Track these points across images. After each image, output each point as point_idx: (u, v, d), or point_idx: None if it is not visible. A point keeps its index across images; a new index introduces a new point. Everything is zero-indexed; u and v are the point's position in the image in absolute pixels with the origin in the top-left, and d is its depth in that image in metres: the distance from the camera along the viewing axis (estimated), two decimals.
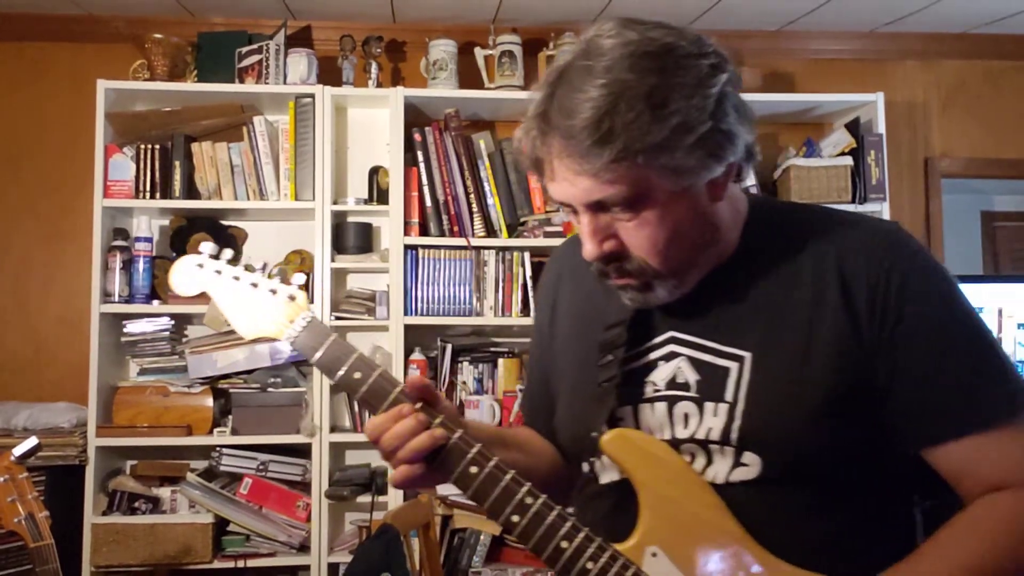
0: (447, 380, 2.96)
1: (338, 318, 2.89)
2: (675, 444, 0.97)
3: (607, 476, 1.02)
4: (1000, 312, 2.95)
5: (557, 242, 2.95)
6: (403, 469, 0.94)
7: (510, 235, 2.96)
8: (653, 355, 1.00)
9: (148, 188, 2.87)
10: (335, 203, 2.92)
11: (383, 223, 3.08)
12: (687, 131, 0.86)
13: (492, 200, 2.95)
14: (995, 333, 2.94)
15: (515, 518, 0.93)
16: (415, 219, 2.92)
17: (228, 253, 1.07)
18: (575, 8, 3.13)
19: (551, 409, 1.12)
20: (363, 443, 2.92)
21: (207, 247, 1.08)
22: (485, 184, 2.96)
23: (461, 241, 2.91)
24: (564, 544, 0.92)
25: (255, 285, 1.04)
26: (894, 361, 0.91)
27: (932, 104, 3.50)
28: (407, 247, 2.90)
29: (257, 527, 2.75)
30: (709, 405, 0.95)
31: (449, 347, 2.97)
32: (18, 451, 1.76)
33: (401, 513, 2.15)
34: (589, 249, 0.94)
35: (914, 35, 3.44)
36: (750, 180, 3.09)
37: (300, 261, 3.02)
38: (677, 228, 0.91)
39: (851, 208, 3.05)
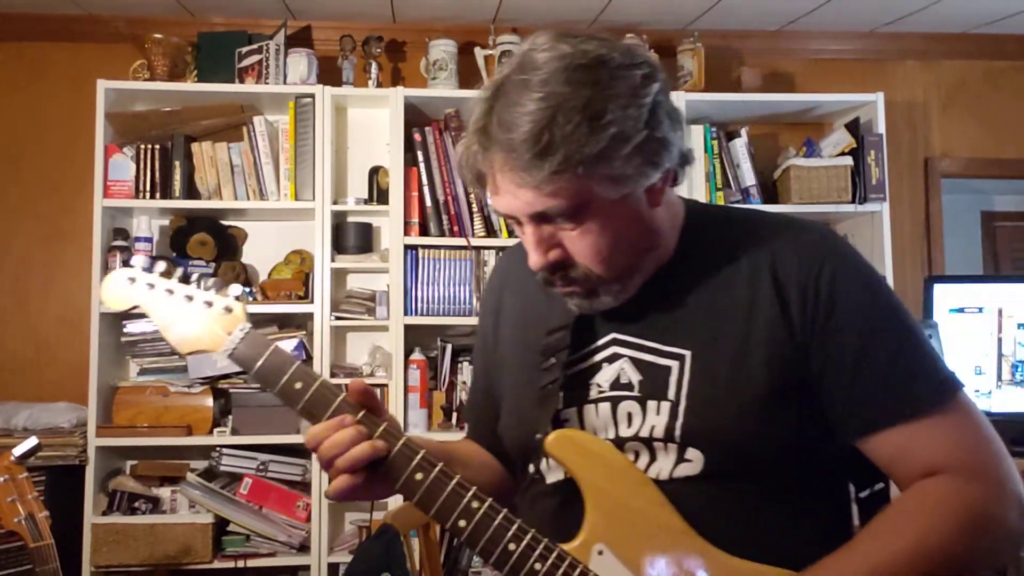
0: (447, 380, 2.95)
1: (338, 318, 2.89)
2: (619, 443, 0.99)
3: (553, 476, 1.03)
4: (1000, 312, 2.95)
5: None
6: (342, 479, 0.94)
7: (510, 235, 2.95)
8: (596, 357, 1.03)
9: (148, 188, 2.87)
10: (335, 203, 2.91)
11: (383, 223, 3.08)
12: (624, 140, 0.88)
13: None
14: (995, 334, 2.94)
15: (462, 523, 0.94)
16: (415, 219, 2.92)
17: (161, 266, 1.05)
18: (575, 8, 3.13)
19: (495, 416, 1.14)
20: None
21: (138, 260, 1.06)
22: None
23: (461, 241, 2.91)
24: (512, 546, 0.94)
25: (190, 298, 1.03)
26: (825, 356, 0.95)
27: (932, 104, 3.50)
28: (407, 247, 2.90)
29: (257, 527, 2.75)
30: (652, 404, 0.98)
31: (449, 347, 2.96)
32: (18, 451, 1.76)
33: (401, 513, 2.15)
34: (535, 259, 0.96)
35: (914, 35, 3.44)
36: (750, 180, 3.10)
37: (300, 261, 3.01)
38: (619, 235, 0.94)
39: (851, 208, 3.05)
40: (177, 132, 2.93)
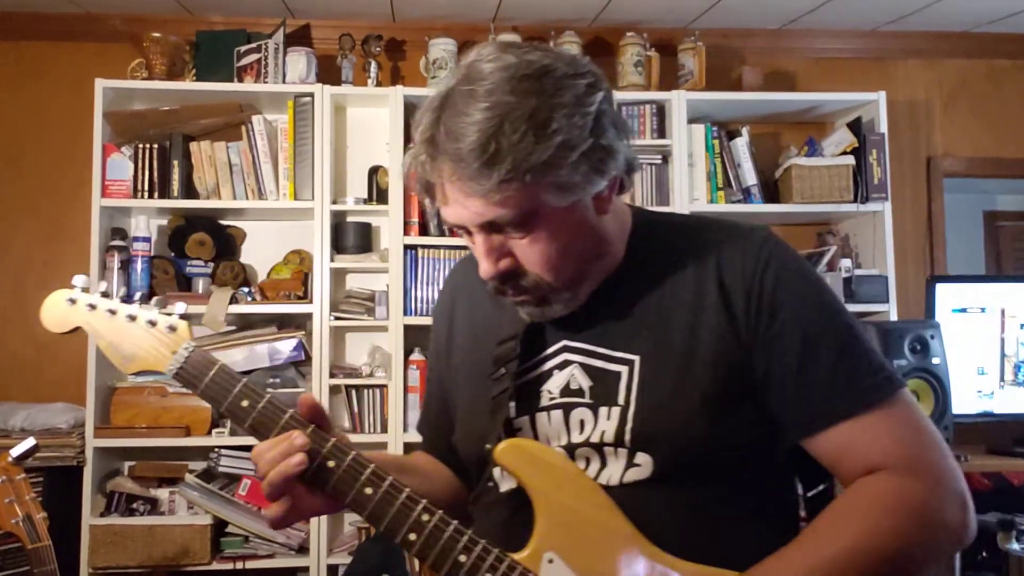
0: None
1: (337, 318, 2.87)
2: (571, 449, 1.00)
3: (506, 485, 1.03)
4: (1003, 312, 2.94)
5: None
6: (275, 507, 0.96)
7: None
8: (547, 365, 1.04)
9: (146, 188, 2.86)
10: (334, 203, 2.90)
11: (383, 223, 3.06)
12: (570, 148, 0.89)
13: None
14: (998, 334, 2.93)
15: (412, 536, 0.94)
16: (415, 219, 2.91)
17: (102, 286, 1.04)
18: (575, 7, 3.12)
19: (450, 427, 1.14)
20: (362, 444, 2.90)
21: (79, 280, 1.04)
22: None
23: (461, 241, 2.89)
24: (462, 558, 0.94)
25: (132, 317, 1.02)
26: (770, 357, 0.96)
27: (934, 103, 3.48)
28: (407, 247, 2.89)
29: (256, 528, 2.74)
30: (603, 409, 0.99)
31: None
32: (16, 452, 1.75)
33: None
34: (485, 269, 0.97)
35: (916, 34, 3.43)
36: (751, 179, 3.09)
37: (299, 261, 3.00)
38: (568, 243, 0.96)
39: (852, 208, 3.04)
40: (175, 131, 2.92)
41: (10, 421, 2.72)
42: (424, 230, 2.92)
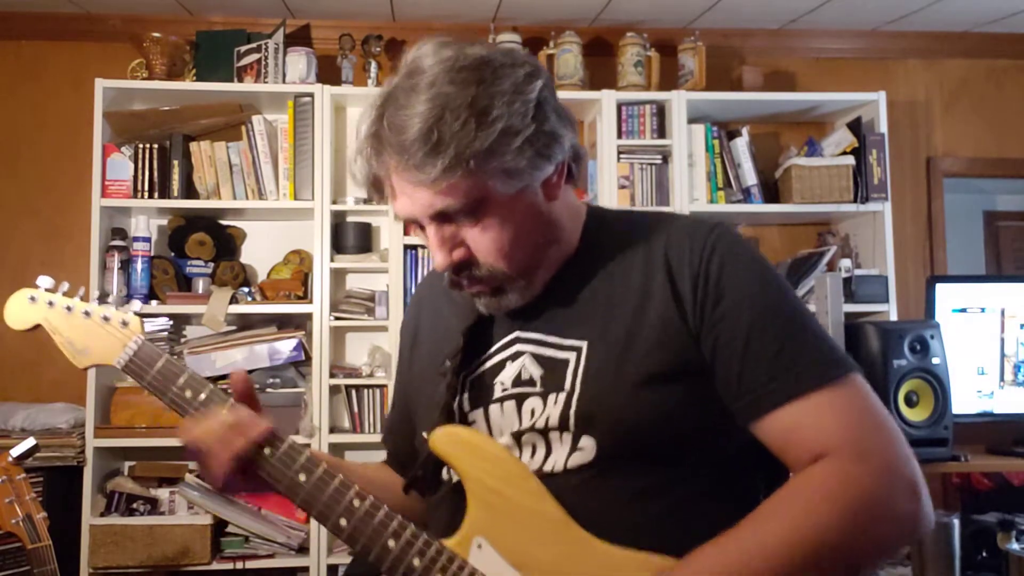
0: None
1: (337, 318, 2.87)
2: (517, 436, 1.00)
3: (456, 476, 1.03)
4: (1003, 312, 2.93)
5: None
6: (225, 467, 0.97)
7: None
8: (500, 356, 1.04)
9: (146, 187, 2.86)
10: (334, 203, 2.90)
11: (382, 223, 3.06)
12: (513, 134, 0.91)
13: None
14: (998, 334, 2.93)
15: (342, 522, 0.96)
16: None
17: (64, 285, 1.10)
18: (575, 7, 3.12)
19: (412, 434, 1.14)
20: (363, 444, 2.91)
21: (43, 281, 1.10)
22: None
23: None
24: (391, 543, 0.94)
25: (87, 314, 1.07)
26: (715, 342, 0.95)
27: (934, 103, 3.48)
28: (407, 247, 2.89)
29: (256, 528, 2.74)
30: (551, 396, 0.99)
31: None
32: (16, 452, 1.75)
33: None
34: (438, 260, 0.98)
35: (916, 34, 3.43)
36: (751, 179, 3.08)
37: (299, 261, 3.00)
38: (519, 229, 0.96)
39: (852, 208, 3.04)
40: (175, 131, 2.92)
41: (10, 421, 2.72)
42: None
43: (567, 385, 0.98)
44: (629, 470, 0.95)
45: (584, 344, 0.99)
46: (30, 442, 1.79)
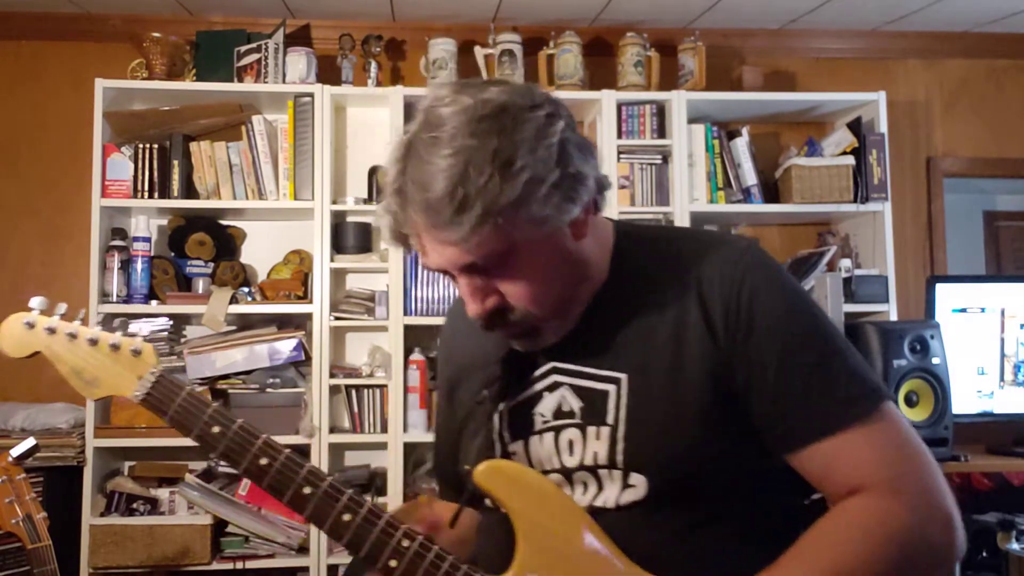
0: None
1: (337, 318, 2.87)
2: (566, 473, 0.99)
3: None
4: (1003, 312, 2.94)
5: None
6: None
7: None
8: (537, 387, 1.03)
9: (146, 188, 2.85)
10: (334, 203, 2.90)
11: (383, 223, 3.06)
12: (539, 183, 0.89)
13: None
14: (998, 334, 2.93)
15: (393, 563, 0.94)
16: None
17: (62, 308, 1.02)
18: (575, 7, 3.12)
19: (456, 459, 1.13)
20: (362, 444, 2.91)
21: (36, 302, 1.02)
22: None
23: None
24: None
25: (94, 341, 1.00)
26: (748, 373, 0.94)
27: (934, 103, 3.48)
28: None
29: (256, 528, 2.74)
30: (591, 429, 0.98)
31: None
32: (16, 452, 1.75)
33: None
34: (473, 309, 0.97)
35: (916, 34, 3.43)
36: (751, 180, 3.08)
37: (299, 261, 3.00)
38: (549, 273, 0.96)
39: (852, 208, 3.04)
40: (175, 131, 2.92)
41: (10, 421, 2.72)
42: None
43: (609, 419, 0.97)
44: (679, 505, 0.95)
45: (623, 376, 0.98)
46: (30, 442, 1.79)
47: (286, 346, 2.84)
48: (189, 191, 2.91)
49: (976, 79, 3.51)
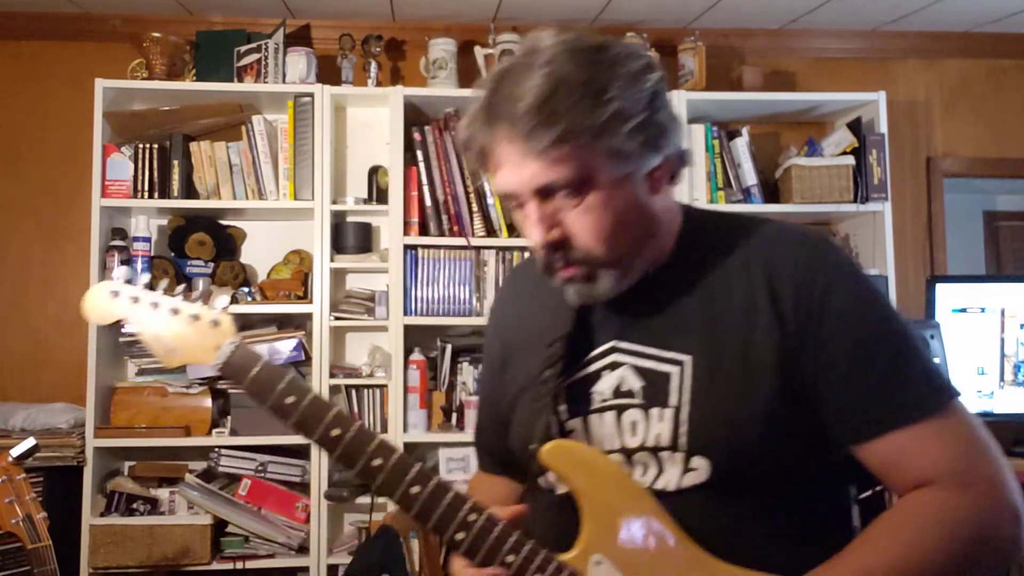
0: (447, 380, 2.94)
1: (337, 318, 2.87)
2: (627, 454, 0.99)
3: (563, 487, 1.03)
4: (1003, 312, 2.94)
5: None
6: None
7: (510, 235, 2.94)
8: (596, 365, 1.03)
9: (146, 187, 2.85)
10: (334, 203, 2.90)
11: (382, 223, 3.06)
12: (625, 118, 0.91)
13: (492, 199, 2.94)
14: (998, 334, 2.93)
15: (460, 535, 0.95)
16: (415, 219, 2.91)
17: (144, 277, 1.03)
18: (575, 7, 3.12)
19: (505, 434, 1.14)
20: None
21: (120, 272, 1.03)
22: (485, 183, 2.94)
23: (461, 241, 2.90)
24: (510, 558, 0.94)
25: (175, 311, 1.01)
26: (817, 365, 0.94)
27: (934, 103, 3.48)
28: (407, 247, 2.88)
29: (256, 528, 2.74)
30: (654, 411, 0.98)
31: (449, 347, 2.95)
32: (16, 452, 1.75)
33: (401, 514, 2.14)
34: (536, 236, 0.96)
35: (916, 34, 3.43)
36: (751, 179, 3.08)
37: (299, 261, 3.00)
38: (619, 216, 0.95)
39: (852, 208, 3.04)
40: (175, 131, 2.92)
41: (10, 421, 2.72)
42: (424, 230, 2.92)
43: (672, 401, 0.97)
44: (741, 490, 0.95)
45: (687, 359, 0.97)
46: (30, 442, 1.79)
47: (286, 346, 2.85)
48: (189, 191, 2.91)
49: (976, 79, 3.50)
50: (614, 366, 1.01)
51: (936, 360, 1.00)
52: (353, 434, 0.96)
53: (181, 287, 1.04)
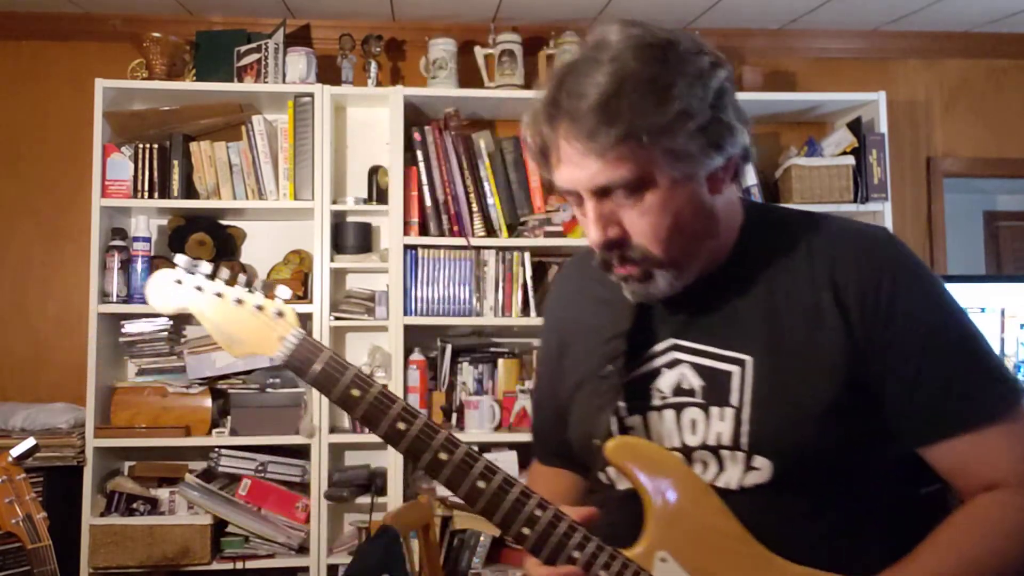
0: (447, 381, 2.94)
1: (337, 318, 2.87)
2: (687, 452, 0.99)
3: (624, 483, 1.03)
4: (1003, 312, 2.94)
5: (557, 242, 2.95)
6: None
7: (510, 235, 2.94)
8: (656, 363, 1.02)
9: (146, 187, 2.85)
10: (334, 203, 2.90)
11: (382, 223, 3.06)
12: (688, 117, 0.89)
13: (492, 200, 2.94)
14: (998, 334, 2.92)
15: (525, 531, 0.95)
16: (415, 219, 2.91)
17: (206, 267, 1.03)
18: (575, 7, 3.12)
19: (564, 428, 1.13)
20: (362, 444, 2.91)
21: (182, 260, 1.03)
22: (485, 183, 2.94)
23: (461, 241, 2.90)
24: (576, 554, 0.94)
25: (240, 301, 1.01)
26: (885, 365, 0.94)
27: (934, 103, 3.48)
28: (407, 247, 2.89)
29: (256, 528, 2.74)
30: (715, 410, 0.97)
31: (449, 347, 2.95)
32: (16, 452, 1.74)
33: (401, 514, 2.14)
34: (593, 235, 0.96)
35: (916, 34, 3.43)
36: (751, 180, 3.08)
37: (299, 261, 3.00)
38: (678, 216, 0.94)
39: (852, 208, 3.04)
40: (175, 131, 2.92)
41: (10, 421, 2.72)
42: (424, 230, 2.92)
43: (733, 400, 0.96)
44: (803, 489, 0.95)
45: (748, 359, 0.97)
46: (30, 442, 1.79)
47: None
48: (189, 191, 2.91)
49: (976, 79, 3.50)
50: (674, 364, 1.01)
51: (1000, 359, 0.97)
52: (419, 428, 0.96)
53: (243, 277, 1.03)
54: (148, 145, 2.87)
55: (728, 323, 0.99)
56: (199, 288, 1.02)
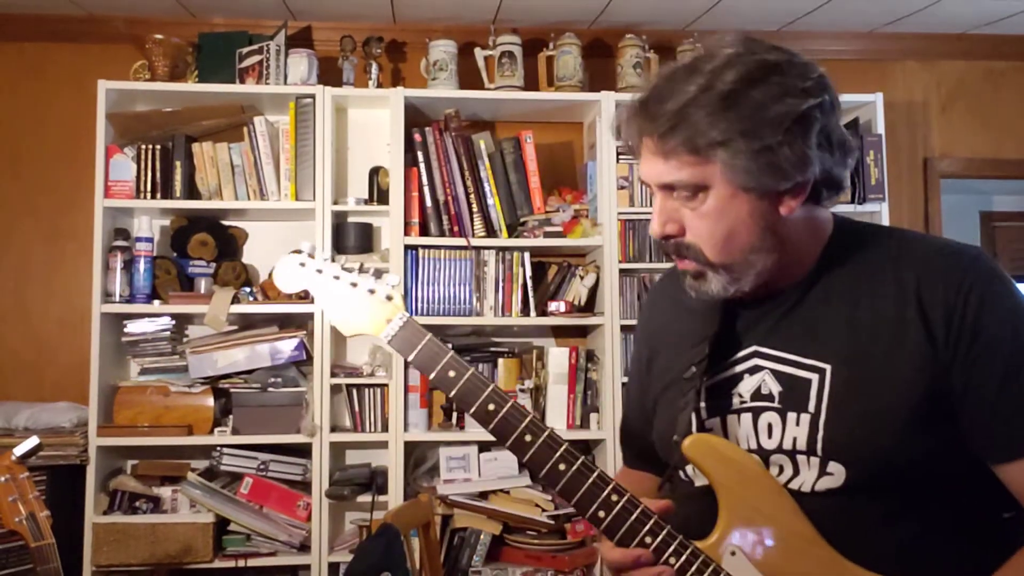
0: None
1: None
2: (763, 454, 1.02)
3: (701, 480, 1.06)
4: None
5: (557, 242, 2.97)
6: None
7: (510, 235, 2.96)
8: (738, 368, 1.06)
9: (149, 188, 2.87)
10: (335, 203, 2.92)
11: (383, 223, 3.08)
12: (752, 138, 0.93)
13: (492, 200, 2.95)
14: None
15: (601, 513, 1.01)
16: (415, 219, 2.93)
17: (326, 252, 1.13)
18: (575, 8, 3.13)
19: (649, 432, 1.18)
20: (363, 442, 2.93)
21: (306, 246, 1.13)
22: (485, 184, 2.96)
23: (461, 241, 2.91)
24: (648, 540, 1.00)
25: (354, 284, 1.11)
26: (967, 382, 0.95)
27: (931, 104, 3.50)
28: (407, 247, 2.90)
29: (258, 526, 2.75)
30: (791, 415, 1.00)
31: (449, 347, 2.96)
32: (19, 451, 1.75)
33: (401, 512, 2.15)
34: (653, 227, 1.03)
35: (913, 35, 3.44)
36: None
37: None
38: (731, 227, 0.98)
39: (850, 209, 3.05)
40: (178, 132, 2.93)
41: (13, 420, 2.74)
42: (424, 230, 2.93)
43: (811, 407, 0.99)
44: (876, 497, 0.97)
45: (827, 367, 0.99)
46: (33, 441, 1.80)
47: (287, 345, 2.86)
48: (191, 192, 2.93)
49: (973, 80, 3.52)
50: (755, 370, 1.05)
51: None
52: (507, 410, 1.04)
53: (356, 263, 1.13)
54: (150, 146, 2.88)
55: (809, 332, 1.02)
56: (319, 271, 1.12)
